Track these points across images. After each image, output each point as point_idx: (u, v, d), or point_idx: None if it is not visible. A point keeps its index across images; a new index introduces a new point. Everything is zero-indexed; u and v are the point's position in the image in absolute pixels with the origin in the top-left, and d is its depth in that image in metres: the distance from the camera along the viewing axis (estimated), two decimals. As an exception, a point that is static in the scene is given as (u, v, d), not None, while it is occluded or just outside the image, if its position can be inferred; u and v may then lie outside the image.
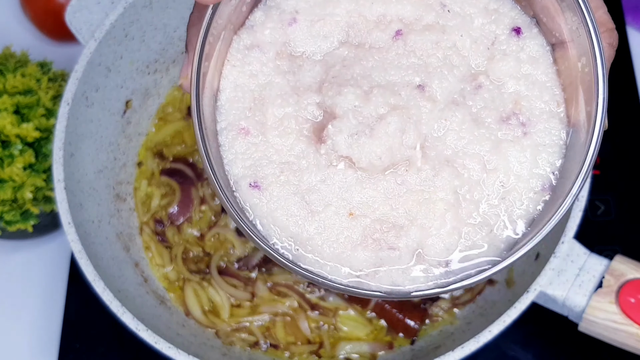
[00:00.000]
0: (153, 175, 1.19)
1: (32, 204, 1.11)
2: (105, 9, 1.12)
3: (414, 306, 1.05)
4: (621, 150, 1.25)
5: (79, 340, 1.14)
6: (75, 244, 0.98)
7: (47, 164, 1.11)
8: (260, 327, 1.08)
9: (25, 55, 1.20)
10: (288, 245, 0.67)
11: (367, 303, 1.07)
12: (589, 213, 1.20)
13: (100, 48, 1.09)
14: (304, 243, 0.67)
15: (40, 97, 1.14)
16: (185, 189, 1.17)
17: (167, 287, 1.11)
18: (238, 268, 1.10)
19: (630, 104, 1.28)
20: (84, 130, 1.09)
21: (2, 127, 1.10)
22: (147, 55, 1.19)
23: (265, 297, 1.09)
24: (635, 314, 0.92)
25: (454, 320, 1.04)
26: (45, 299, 1.21)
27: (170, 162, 1.19)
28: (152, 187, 1.18)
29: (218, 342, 1.08)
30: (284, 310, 1.08)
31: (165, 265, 1.12)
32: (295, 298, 1.08)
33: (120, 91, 1.16)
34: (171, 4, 1.17)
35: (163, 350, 0.93)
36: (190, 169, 1.18)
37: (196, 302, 1.08)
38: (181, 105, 1.23)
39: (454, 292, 1.06)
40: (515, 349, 1.12)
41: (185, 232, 1.15)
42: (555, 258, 0.94)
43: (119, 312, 0.95)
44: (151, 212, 1.16)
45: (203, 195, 1.16)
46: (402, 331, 1.05)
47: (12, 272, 1.23)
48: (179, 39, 1.22)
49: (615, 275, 0.94)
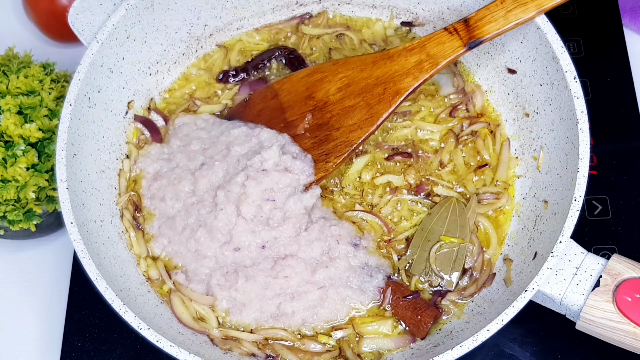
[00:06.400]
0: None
1: (35, 204, 1.12)
2: (108, 10, 1.13)
3: (427, 305, 1.05)
4: (618, 151, 1.25)
5: (82, 339, 1.15)
6: (77, 243, 0.99)
7: (50, 164, 1.12)
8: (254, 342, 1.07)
9: (28, 56, 1.21)
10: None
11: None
12: (586, 213, 1.21)
13: (102, 49, 1.10)
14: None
15: (43, 98, 1.14)
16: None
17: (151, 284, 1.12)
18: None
19: (628, 104, 1.29)
20: (87, 131, 1.10)
21: (5, 128, 1.11)
22: (148, 56, 1.19)
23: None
24: (632, 312, 0.93)
25: (461, 315, 1.05)
26: (48, 298, 1.21)
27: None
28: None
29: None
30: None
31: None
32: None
33: (122, 92, 1.17)
34: (172, 5, 1.18)
35: (165, 348, 0.94)
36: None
37: (185, 310, 1.08)
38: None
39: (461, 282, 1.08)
40: (513, 348, 1.12)
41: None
42: (553, 257, 0.95)
43: (121, 310, 0.96)
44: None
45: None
46: (414, 329, 1.05)
47: (15, 271, 1.24)
48: (180, 40, 1.23)
49: (612, 275, 0.95)
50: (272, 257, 1.07)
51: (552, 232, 1.00)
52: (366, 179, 1.14)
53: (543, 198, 1.08)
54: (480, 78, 1.22)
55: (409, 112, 1.18)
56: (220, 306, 1.07)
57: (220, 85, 1.24)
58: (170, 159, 1.15)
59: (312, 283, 1.06)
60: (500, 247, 1.11)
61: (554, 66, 1.06)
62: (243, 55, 1.26)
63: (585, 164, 0.99)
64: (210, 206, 1.08)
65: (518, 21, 1.04)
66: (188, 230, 1.09)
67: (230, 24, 1.26)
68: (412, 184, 1.14)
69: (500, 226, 1.12)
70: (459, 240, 1.09)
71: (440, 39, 1.07)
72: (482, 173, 1.15)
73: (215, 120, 1.19)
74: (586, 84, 1.30)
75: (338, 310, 1.06)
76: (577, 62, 1.06)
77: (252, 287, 1.06)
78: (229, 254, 1.07)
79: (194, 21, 1.23)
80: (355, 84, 1.11)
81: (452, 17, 1.20)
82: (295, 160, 1.10)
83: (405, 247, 1.11)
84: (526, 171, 1.14)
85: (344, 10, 1.28)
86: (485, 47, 1.18)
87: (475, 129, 1.17)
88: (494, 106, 1.20)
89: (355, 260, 1.08)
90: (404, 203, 1.13)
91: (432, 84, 1.21)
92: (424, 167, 1.15)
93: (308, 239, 1.07)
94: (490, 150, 1.17)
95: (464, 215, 1.10)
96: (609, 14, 1.37)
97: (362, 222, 1.12)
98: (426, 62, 1.07)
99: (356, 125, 1.09)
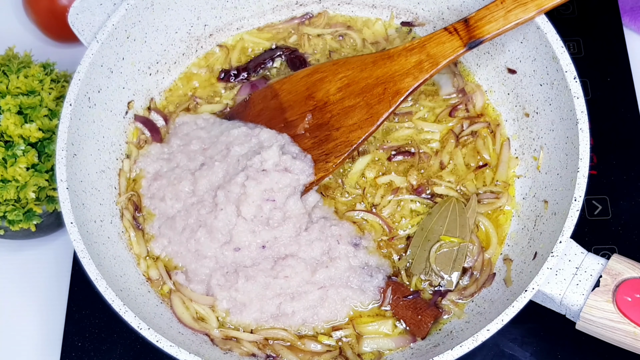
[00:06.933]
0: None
1: (35, 204, 1.12)
2: (107, 10, 1.13)
3: (428, 305, 1.05)
4: (618, 150, 1.25)
5: (82, 339, 1.15)
6: (77, 243, 0.99)
7: (50, 164, 1.12)
8: (254, 343, 1.07)
9: (28, 56, 1.21)
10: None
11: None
12: (586, 213, 1.21)
13: (102, 49, 1.10)
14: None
15: (43, 98, 1.14)
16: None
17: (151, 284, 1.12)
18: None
19: (628, 104, 1.29)
20: (87, 131, 1.10)
21: (5, 128, 1.11)
22: (148, 56, 1.19)
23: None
24: (632, 312, 0.93)
25: (461, 315, 1.05)
26: (48, 298, 1.21)
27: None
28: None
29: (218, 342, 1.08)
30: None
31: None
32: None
33: (122, 92, 1.17)
34: (172, 5, 1.18)
35: (165, 348, 0.94)
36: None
37: (185, 310, 1.08)
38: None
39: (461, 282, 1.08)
40: (513, 348, 1.12)
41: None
42: (553, 257, 0.95)
43: (121, 310, 0.96)
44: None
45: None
46: (414, 329, 1.05)
47: (15, 271, 1.24)
48: (180, 40, 1.23)
49: (612, 275, 0.95)
50: (272, 257, 1.07)
51: (552, 232, 1.00)
52: (369, 177, 1.14)
53: (543, 198, 1.08)
54: (480, 78, 1.22)
55: (410, 112, 1.18)
56: (221, 306, 1.07)
57: (222, 84, 1.24)
58: (171, 159, 1.15)
59: (312, 283, 1.06)
60: (501, 247, 1.11)
61: (554, 66, 1.06)
62: (245, 55, 1.26)
63: (585, 164, 0.99)
64: (210, 206, 1.08)
65: (518, 21, 1.04)
66: (188, 230, 1.09)
67: (230, 24, 1.26)
68: (413, 184, 1.14)
69: (500, 226, 1.12)
70: (459, 240, 1.09)
71: (440, 39, 1.07)
72: (482, 173, 1.15)
73: (215, 120, 1.19)
74: (586, 84, 1.30)
75: (338, 310, 1.06)
76: (577, 62, 1.06)
77: (252, 287, 1.06)
78: (229, 254, 1.07)
79: (194, 21, 1.23)
80: (355, 84, 1.11)
81: (452, 17, 1.20)
82: (295, 160, 1.10)
83: (405, 247, 1.11)
84: (526, 171, 1.14)
85: (344, 10, 1.28)
86: (485, 47, 1.18)
87: (475, 129, 1.17)
88: (494, 106, 1.20)
89: (355, 260, 1.08)
90: (405, 203, 1.13)
91: (432, 84, 1.21)
92: (425, 167, 1.15)
93: (308, 239, 1.07)
94: (490, 150, 1.17)
95: (464, 214, 1.10)
96: (609, 14, 1.37)
97: (362, 222, 1.12)
98: (426, 62, 1.07)
99: (356, 125, 1.09)
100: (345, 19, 1.28)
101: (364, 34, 1.26)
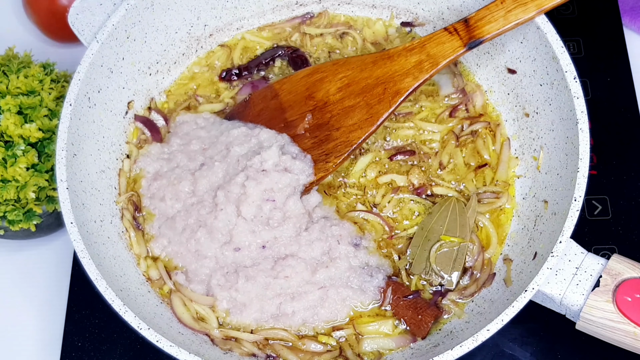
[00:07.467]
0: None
1: (35, 204, 1.12)
2: (108, 10, 1.13)
3: (428, 305, 1.05)
4: (618, 150, 1.25)
5: (82, 339, 1.15)
6: (77, 243, 0.99)
7: (50, 164, 1.12)
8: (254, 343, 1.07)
9: (28, 56, 1.21)
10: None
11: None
12: (586, 213, 1.21)
13: (102, 49, 1.10)
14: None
15: (43, 98, 1.14)
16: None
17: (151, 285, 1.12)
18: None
19: (628, 104, 1.29)
20: (87, 131, 1.10)
21: (5, 128, 1.11)
22: (148, 56, 1.19)
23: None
24: (632, 312, 0.93)
25: (462, 315, 1.05)
26: (48, 298, 1.21)
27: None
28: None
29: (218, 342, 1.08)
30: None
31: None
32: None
33: (122, 92, 1.17)
34: (172, 5, 1.18)
35: (165, 348, 0.94)
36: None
37: (185, 310, 1.08)
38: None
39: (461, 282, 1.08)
40: (513, 348, 1.12)
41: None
42: (553, 257, 0.95)
43: (121, 310, 0.96)
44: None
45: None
46: (414, 329, 1.05)
47: (15, 271, 1.24)
48: (180, 40, 1.23)
49: (612, 275, 0.95)
50: (273, 257, 1.07)
51: (552, 232, 1.00)
52: (371, 176, 1.15)
53: (543, 198, 1.08)
54: (480, 78, 1.22)
55: (410, 113, 1.18)
56: (221, 306, 1.07)
57: (223, 83, 1.24)
58: (171, 159, 1.15)
59: (312, 283, 1.06)
60: (501, 246, 1.11)
61: (554, 66, 1.06)
62: (246, 54, 1.26)
63: (585, 164, 0.99)
64: (210, 206, 1.08)
65: (518, 21, 1.04)
66: (188, 230, 1.09)
67: (230, 24, 1.26)
68: (415, 184, 1.14)
69: (500, 226, 1.12)
70: (459, 240, 1.09)
71: (440, 39, 1.07)
72: (482, 173, 1.15)
73: (215, 120, 1.19)
74: (586, 84, 1.30)
75: (338, 310, 1.06)
76: (577, 62, 1.06)
77: (252, 288, 1.06)
78: (229, 254, 1.07)
79: (194, 21, 1.23)
80: (355, 84, 1.11)
81: (452, 17, 1.20)
82: (295, 160, 1.10)
83: (405, 247, 1.11)
84: (526, 171, 1.14)
85: (344, 10, 1.28)
86: (485, 47, 1.18)
87: (475, 129, 1.17)
88: (494, 106, 1.20)
89: (355, 260, 1.08)
90: (406, 203, 1.13)
91: (432, 84, 1.21)
92: (425, 167, 1.15)
93: (308, 239, 1.07)
94: (490, 150, 1.17)
95: (464, 214, 1.10)
96: (609, 14, 1.37)
97: (363, 222, 1.12)
98: (426, 62, 1.07)
99: (356, 125, 1.10)
100: (345, 19, 1.28)
101: (364, 33, 1.26)
